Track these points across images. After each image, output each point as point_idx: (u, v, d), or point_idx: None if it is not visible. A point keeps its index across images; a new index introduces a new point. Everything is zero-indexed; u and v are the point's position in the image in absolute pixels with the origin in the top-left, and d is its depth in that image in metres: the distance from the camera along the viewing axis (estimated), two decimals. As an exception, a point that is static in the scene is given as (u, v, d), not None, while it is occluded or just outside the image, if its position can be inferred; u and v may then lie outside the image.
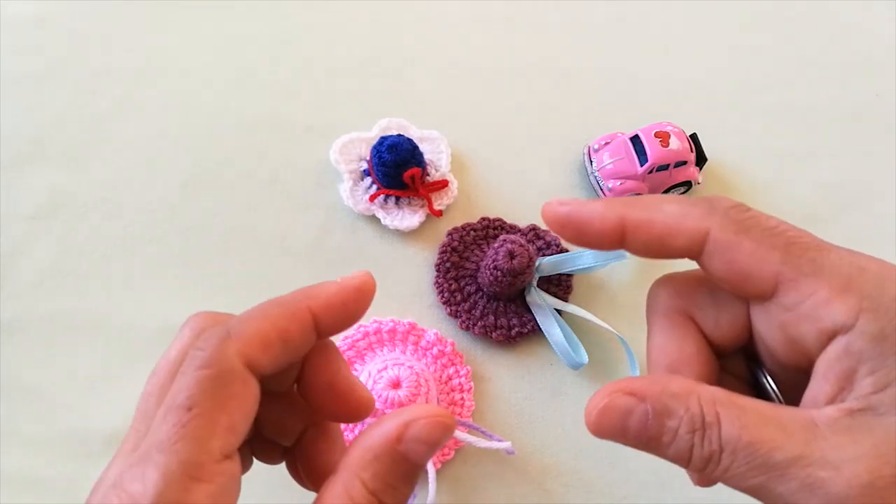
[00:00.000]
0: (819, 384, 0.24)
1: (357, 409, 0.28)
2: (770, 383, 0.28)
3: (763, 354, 0.28)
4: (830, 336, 0.24)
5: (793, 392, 0.26)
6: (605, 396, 0.25)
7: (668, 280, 0.30)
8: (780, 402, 0.28)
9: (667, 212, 0.26)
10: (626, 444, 0.25)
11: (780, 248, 0.25)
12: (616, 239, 0.27)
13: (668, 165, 0.49)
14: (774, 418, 0.23)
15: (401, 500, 0.24)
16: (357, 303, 0.27)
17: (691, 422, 0.24)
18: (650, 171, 0.49)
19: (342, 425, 0.43)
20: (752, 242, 0.25)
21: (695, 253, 0.26)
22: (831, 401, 0.24)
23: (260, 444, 0.29)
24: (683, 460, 0.24)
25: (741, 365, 0.29)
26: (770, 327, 0.26)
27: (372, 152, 0.49)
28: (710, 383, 0.26)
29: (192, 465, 0.22)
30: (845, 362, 0.23)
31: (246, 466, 0.28)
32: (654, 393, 0.24)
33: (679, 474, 0.44)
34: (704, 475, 0.24)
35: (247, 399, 0.24)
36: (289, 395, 0.28)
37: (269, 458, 0.30)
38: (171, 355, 0.27)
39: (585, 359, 0.45)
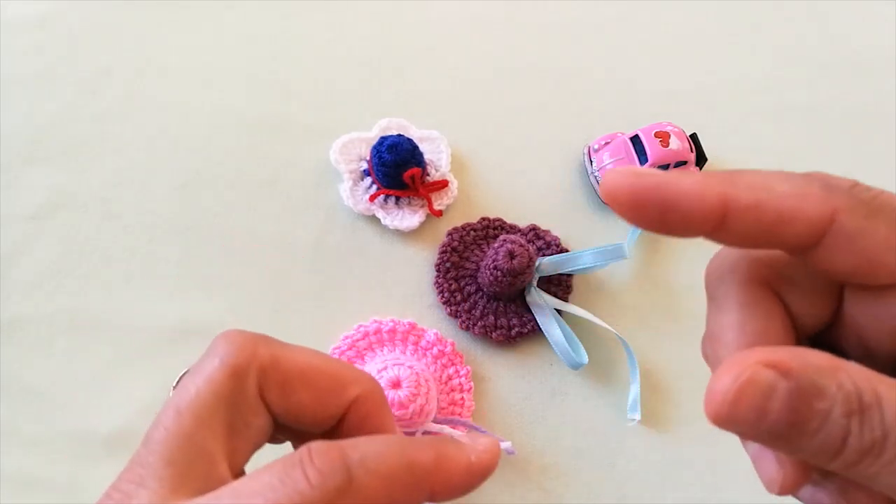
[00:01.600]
0: None
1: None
2: None
3: (852, 343, 0.23)
4: None
5: None
6: (746, 368, 0.19)
7: (747, 250, 0.24)
8: None
9: (781, 192, 0.21)
10: (750, 433, 0.19)
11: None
12: (713, 224, 0.21)
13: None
14: None
15: None
16: (479, 483, 0.22)
17: (847, 401, 0.18)
18: (650, 171, 0.49)
19: None
20: (886, 227, 0.20)
21: (812, 242, 0.21)
22: None
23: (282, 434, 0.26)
24: (830, 453, 0.19)
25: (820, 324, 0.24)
26: (876, 315, 0.22)
27: (372, 152, 0.49)
28: None
29: None
30: None
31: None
32: (800, 366, 0.19)
33: (679, 475, 0.44)
34: (849, 471, 0.19)
35: None
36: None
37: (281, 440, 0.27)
38: (197, 391, 0.23)
39: (585, 359, 0.45)
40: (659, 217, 0.21)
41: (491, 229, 0.50)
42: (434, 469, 0.21)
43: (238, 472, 0.23)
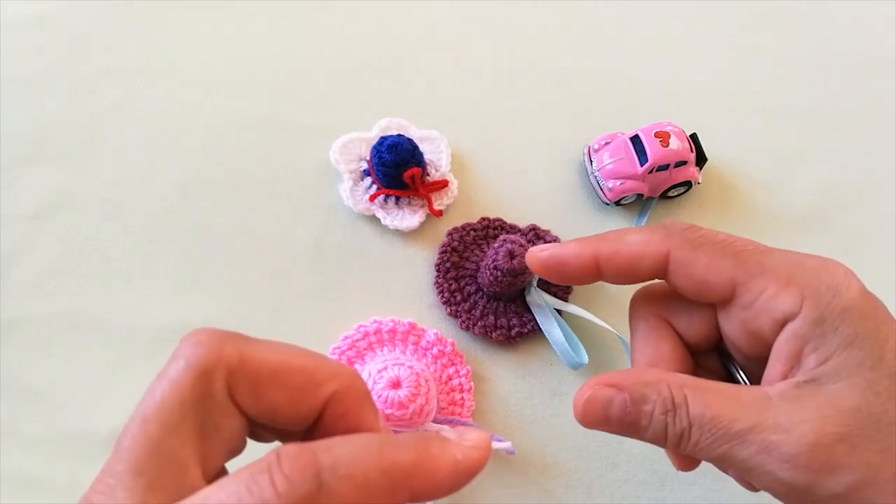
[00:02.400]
0: (773, 365, 0.28)
1: None
2: (739, 373, 0.32)
3: (732, 350, 0.32)
4: (782, 324, 0.28)
5: (759, 380, 0.30)
6: (588, 389, 0.29)
7: (646, 290, 0.34)
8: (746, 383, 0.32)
9: (630, 241, 0.31)
10: (609, 431, 0.29)
11: (731, 257, 0.29)
12: (593, 272, 0.31)
13: (668, 165, 0.49)
14: (734, 395, 0.27)
15: None
16: (467, 480, 0.22)
17: (664, 404, 0.28)
18: (650, 171, 0.49)
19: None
20: (706, 256, 0.29)
21: (661, 273, 0.30)
22: (783, 377, 0.28)
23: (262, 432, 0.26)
24: (660, 440, 0.28)
25: (715, 361, 0.34)
26: (733, 326, 0.30)
27: (372, 152, 0.49)
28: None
29: None
30: (793, 344, 0.27)
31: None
32: (630, 383, 0.28)
33: (678, 476, 0.44)
34: (679, 451, 0.28)
35: None
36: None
37: (265, 439, 0.26)
38: (163, 397, 0.22)
39: (585, 359, 0.45)
40: (560, 276, 0.33)
41: (491, 229, 0.50)
42: (415, 470, 0.20)
43: (213, 476, 0.22)
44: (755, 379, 0.31)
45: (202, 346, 0.23)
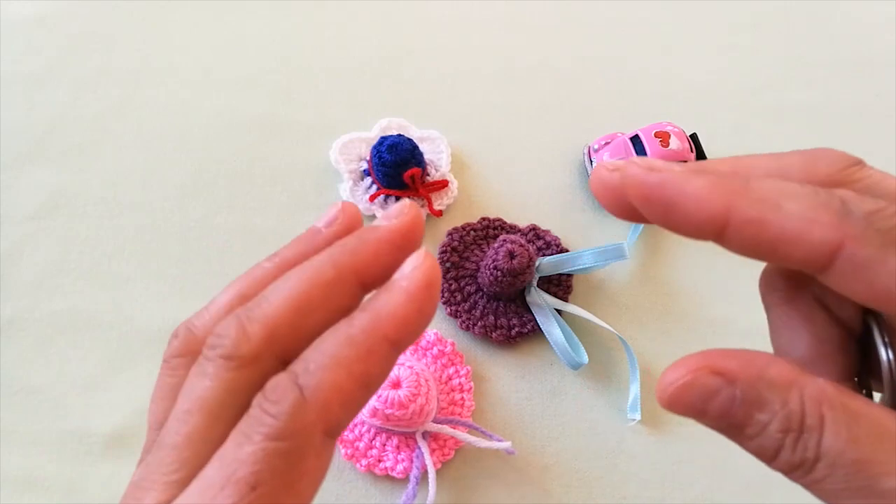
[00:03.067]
0: None
1: None
2: (892, 365, 0.22)
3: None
4: None
5: None
6: (689, 372, 0.21)
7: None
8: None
9: (789, 213, 0.20)
10: (701, 423, 0.22)
11: None
12: (713, 231, 0.21)
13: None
14: (891, 432, 0.19)
15: None
16: (432, 301, 0.21)
17: (787, 420, 0.20)
18: (650, 171, 0.49)
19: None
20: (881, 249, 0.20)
21: (818, 266, 0.20)
22: None
23: None
24: (766, 457, 0.21)
25: (856, 313, 0.23)
26: None
27: (372, 152, 0.49)
28: (847, 377, 0.22)
29: None
30: None
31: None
32: (748, 377, 0.20)
33: (678, 475, 0.44)
34: (789, 478, 0.21)
35: (319, 472, 0.21)
36: None
37: None
38: (204, 391, 0.22)
39: (585, 359, 0.45)
40: (664, 213, 0.21)
41: (491, 229, 0.50)
42: (377, 326, 0.20)
43: None
44: None
45: (228, 337, 0.22)
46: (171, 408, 0.23)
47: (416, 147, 0.49)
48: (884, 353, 0.22)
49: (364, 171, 0.51)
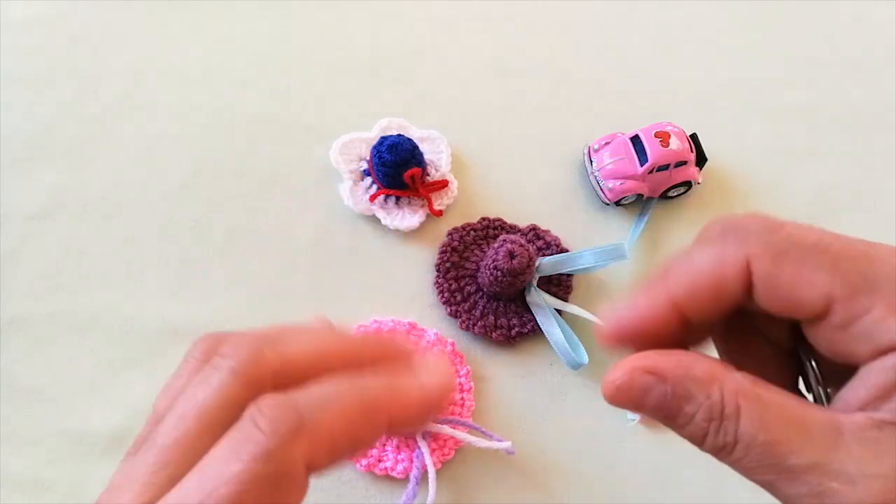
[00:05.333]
0: (856, 387, 0.23)
1: None
2: (814, 373, 0.26)
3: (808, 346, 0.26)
4: (885, 352, 0.22)
5: (833, 380, 0.25)
6: (626, 373, 0.24)
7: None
8: (821, 391, 0.26)
9: (702, 261, 0.24)
10: (641, 414, 0.25)
11: (827, 267, 0.23)
12: (682, 326, 0.25)
13: (668, 165, 0.49)
14: (798, 419, 0.22)
15: None
16: (438, 409, 0.25)
17: (710, 410, 0.23)
18: (650, 171, 0.49)
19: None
20: (793, 266, 0.23)
21: (748, 291, 0.24)
22: (864, 407, 0.22)
23: None
24: (696, 442, 0.24)
25: (784, 332, 0.26)
26: (818, 339, 0.24)
27: (372, 152, 0.49)
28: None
29: None
30: (890, 374, 0.22)
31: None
32: (676, 375, 0.24)
33: (678, 476, 0.44)
34: (719, 460, 0.24)
35: (296, 502, 0.21)
36: None
37: None
38: (204, 399, 0.22)
39: (585, 359, 0.45)
40: (643, 345, 0.26)
41: (491, 229, 0.50)
42: (386, 396, 0.23)
43: None
44: (828, 379, 0.26)
45: (242, 353, 0.23)
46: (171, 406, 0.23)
47: (416, 147, 0.49)
48: (814, 383, 0.26)
49: (364, 171, 0.51)
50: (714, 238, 0.24)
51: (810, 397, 0.26)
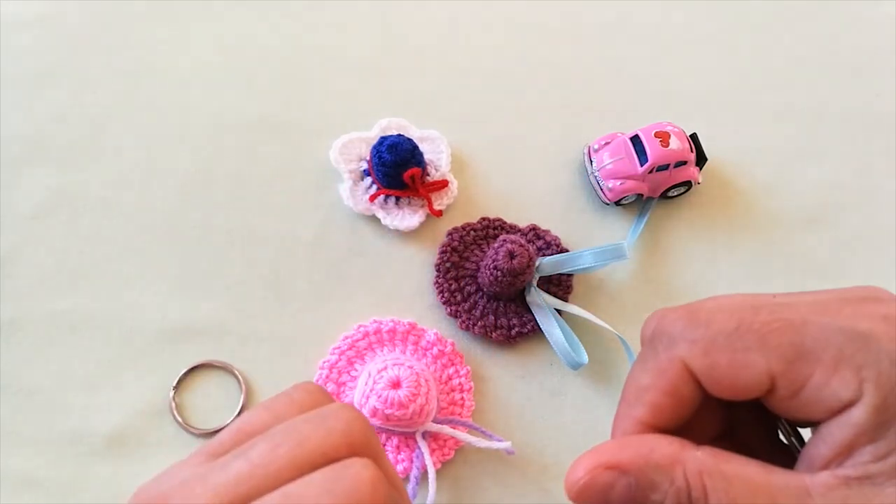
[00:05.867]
0: (818, 445, 0.23)
1: None
2: (784, 425, 0.27)
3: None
4: (837, 412, 0.23)
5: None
6: (587, 473, 0.24)
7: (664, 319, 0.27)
8: (794, 441, 0.27)
9: (646, 382, 0.26)
10: None
11: (755, 347, 0.23)
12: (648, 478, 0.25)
13: (668, 165, 0.49)
14: (764, 488, 0.23)
15: None
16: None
17: (677, 496, 0.23)
18: (650, 171, 0.49)
19: None
20: (725, 356, 0.24)
21: (699, 399, 0.25)
22: (828, 465, 0.23)
23: None
24: None
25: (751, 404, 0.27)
26: (777, 408, 0.25)
27: (372, 152, 0.49)
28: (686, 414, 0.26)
29: None
30: (846, 430, 0.22)
31: None
32: (637, 466, 0.24)
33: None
34: None
35: None
36: None
37: None
38: (309, 437, 0.23)
39: (585, 359, 0.45)
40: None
41: (491, 229, 0.50)
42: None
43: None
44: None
45: (350, 417, 0.24)
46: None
47: (416, 147, 0.49)
48: (779, 423, 0.27)
49: (364, 171, 0.51)
50: (646, 350, 0.26)
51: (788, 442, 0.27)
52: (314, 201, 0.51)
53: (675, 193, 0.52)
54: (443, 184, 0.51)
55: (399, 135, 0.49)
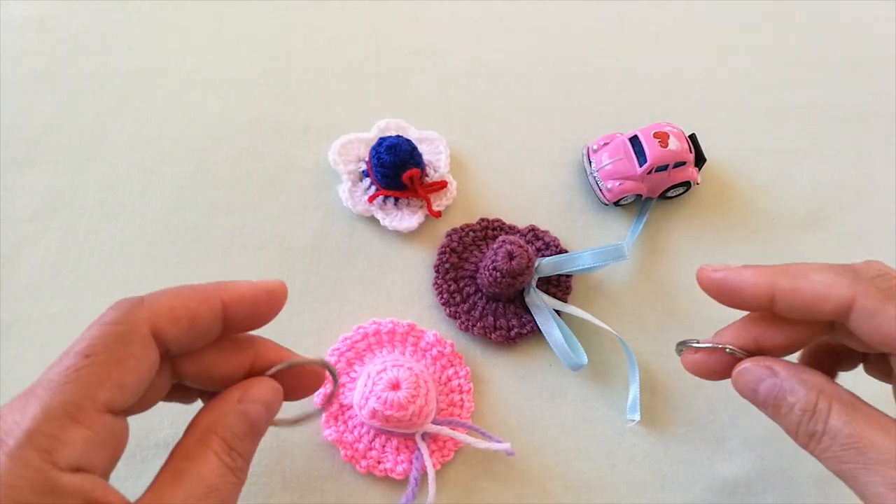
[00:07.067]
0: None
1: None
2: None
3: None
4: None
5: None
6: (747, 359, 0.32)
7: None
8: None
9: (814, 280, 0.30)
10: (753, 402, 0.31)
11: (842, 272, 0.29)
12: (766, 303, 0.31)
13: (666, 166, 0.49)
14: (881, 424, 0.28)
15: (248, 450, 0.29)
16: (266, 305, 0.30)
17: (806, 403, 0.29)
18: (649, 172, 0.49)
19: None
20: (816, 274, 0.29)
21: (841, 317, 0.29)
22: None
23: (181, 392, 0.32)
24: (791, 430, 0.30)
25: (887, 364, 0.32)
26: (858, 330, 0.29)
27: (371, 153, 0.49)
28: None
29: (74, 407, 0.23)
30: None
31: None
32: (788, 374, 0.30)
33: (677, 476, 0.44)
34: (806, 450, 0.30)
35: (144, 362, 0.26)
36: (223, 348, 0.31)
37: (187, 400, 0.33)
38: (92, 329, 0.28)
39: (584, 359, 0.45)
40: (730, 299, 0.32)
41: (490, 230, 0.50)
42: (217, 285, 0.29)
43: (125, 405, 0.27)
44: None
45: (126, 303, 0.28)
46: None
47: (414, 148, 0.49)
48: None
49: (363, 171, 0.51)
50: (836, 268, 0.30)
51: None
52: (313, 202, 0.51)
53: (674, 194, 0.52)
54: (442, 185, 0.51)
55: (398, 136, 0.49)
